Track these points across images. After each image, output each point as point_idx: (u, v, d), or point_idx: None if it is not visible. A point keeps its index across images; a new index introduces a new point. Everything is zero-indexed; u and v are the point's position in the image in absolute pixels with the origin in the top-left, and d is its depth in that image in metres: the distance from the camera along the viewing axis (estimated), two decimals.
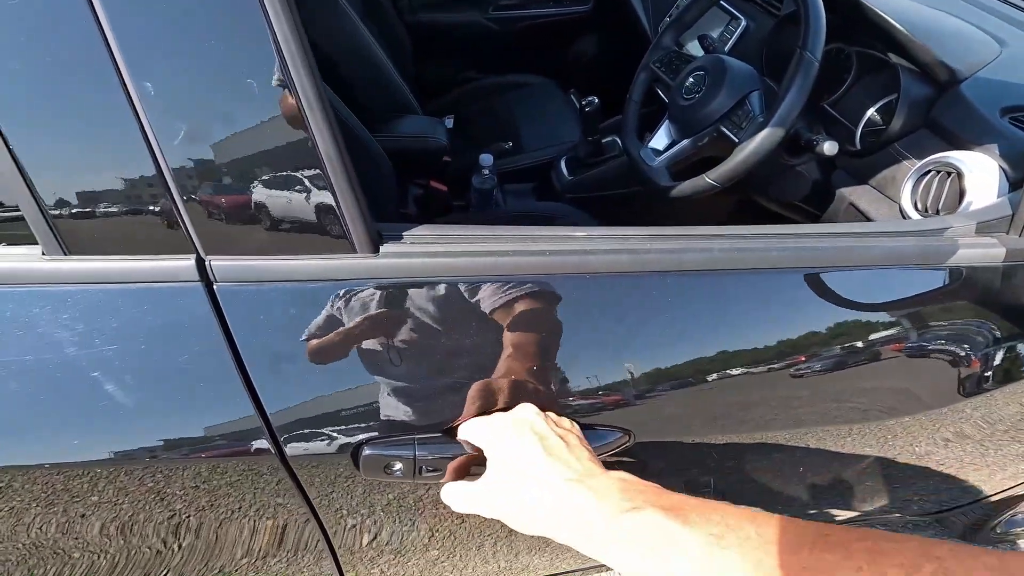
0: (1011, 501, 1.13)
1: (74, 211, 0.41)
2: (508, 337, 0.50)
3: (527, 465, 0.44)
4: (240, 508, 0.55)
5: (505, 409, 0.51)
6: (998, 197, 0.73)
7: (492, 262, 0.49)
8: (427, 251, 0.48)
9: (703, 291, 0.56)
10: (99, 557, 0.56)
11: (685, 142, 0.98)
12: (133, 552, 0.57)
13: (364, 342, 0.48)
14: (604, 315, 0.53)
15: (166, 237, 0.43)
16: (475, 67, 1.92)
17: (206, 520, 0.55)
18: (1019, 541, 1.44)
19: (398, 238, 0.49)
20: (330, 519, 0.59)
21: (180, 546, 0.58)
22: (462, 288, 0.48)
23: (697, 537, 0.35)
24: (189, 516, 0.54)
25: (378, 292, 0.47)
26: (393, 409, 0.49)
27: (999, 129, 0.79)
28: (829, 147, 0.86)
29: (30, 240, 0.42)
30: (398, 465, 0.50)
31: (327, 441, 0.49)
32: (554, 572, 0.97)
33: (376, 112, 1.32)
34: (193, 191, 0.41)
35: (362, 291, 0.47)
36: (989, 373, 0.69)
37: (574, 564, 0.95)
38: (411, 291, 0.48)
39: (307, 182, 0.43)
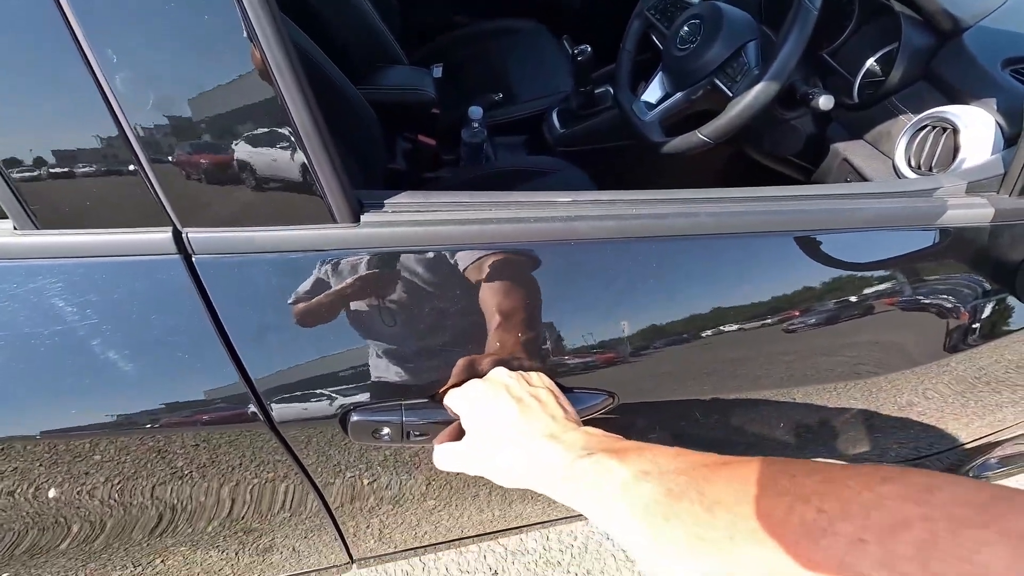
0: (985, 448, 1.17)
1: (44, 185, 0.40)
2: (494, 305, 0.50)
3: (504, 427, 0.46)
4: (235, 470, 0.56)
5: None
6: (992, 154, 0.72)
7: (477, 230, 0.49)
8: (409, 219, 0.47)
9: (691, 255, 0.56)
10: (101, 516, 0.58)
11: (678, 95, 0.95)
12: (134, 510, 0.58)
13: (348, 312, 0.48)
14: (591, 281, 0.53)
15: (141, 210, 0.42)
16: (464, 10, 1.83)
17: (203, 480, 0.57)
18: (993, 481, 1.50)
19: (379, 206, 0.48)
20: (324, 479, 0.60)
21: (179, 505, 0.59)
22: (446, 257, 0.48)
23: (628, 471, 0.38)
24: (187, 476, 0.56)
25: (360, 262, 0.47)
26: (380, 376, 0.50)
27: (999, 83, 0.77)
28: (825, 101, 0.83)
29: (0, 215, 0.41)
30: (386, 430, 0.51)
31: (315, 408, 0.50)
32: (547, 519, 1.01)
33: (360, 63, 1.27)
34: (165, 163, 0.40)
35: (343, 262, 0.46)
36: (975, 328, 0.70)
37: (565, 512, 0.98)
38: (393, 261, 0.47)
39: (281, 151, 0.42)
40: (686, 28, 0.93)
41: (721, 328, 0.58)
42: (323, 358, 0.49)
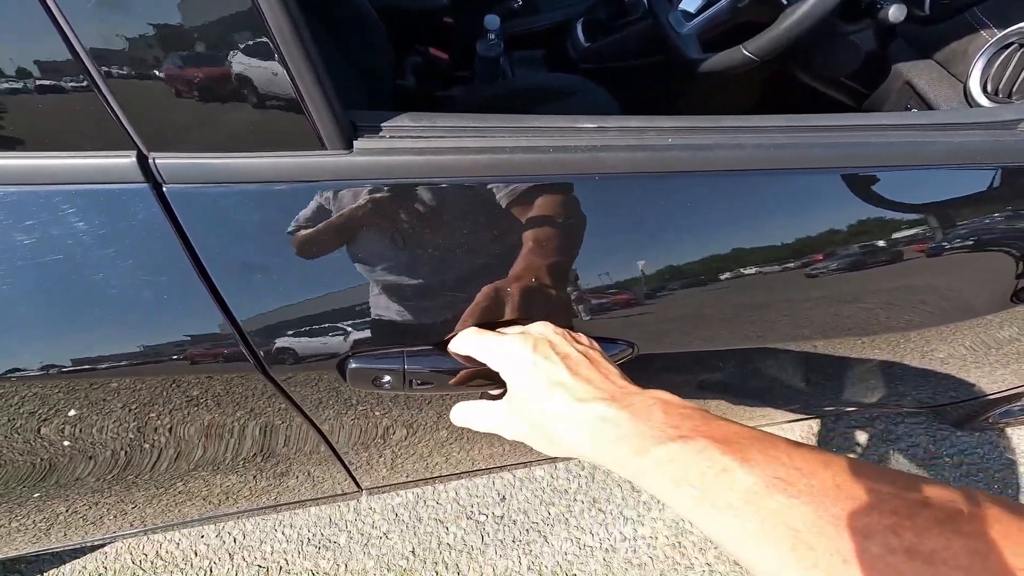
0: (1010, 398, 1.13)
1: None
2: (523, 240, 0.44)
3: (553, 385, 0.40)
4: (234, 411, 0.54)
5: (512, 321, 0.47)
6: None
7: (486, 160, 0.42)
8: (409, 147, 0.41)
9: (732, 193, 0.49)
10: (109, 453, 0.56)
11: (722, 3, 0.84)
12: (143, 444, 0.57)
13: (341, 250, 0.43)
14: (619, 218, 0.47)
15: (98, 130, 0.36)
16: None
17: (207, 416, 0.54)
18: (1007, 429, 1.48)
19: (375, 131, 0.41)
20: (326, 422, 0.58)
21: (186, 440, 0.58)
22: (450, 190, 0.42)
23: (757, 478, 0.30)
24: (190, 414, 0.53)
25: (353, 194, 0.41)
26: (380, 320, 0.46)
27: None
28: (896, 11, 0.72)
29: None
30: (387, 378, 0.48)
31: (310, 353, 0.46)
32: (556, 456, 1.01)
33: None
34: (122, 77, 0.34)
35: (334, 193, 0.41)
36: None
37: None
38: (391, 193, 0.42)
39: (259, 64, 0.35)
40: None
41: (760, 271, 0.52)
42: (316, 299, 0.44)
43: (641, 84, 1.24)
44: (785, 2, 0.75)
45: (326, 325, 0.45)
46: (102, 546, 1.22)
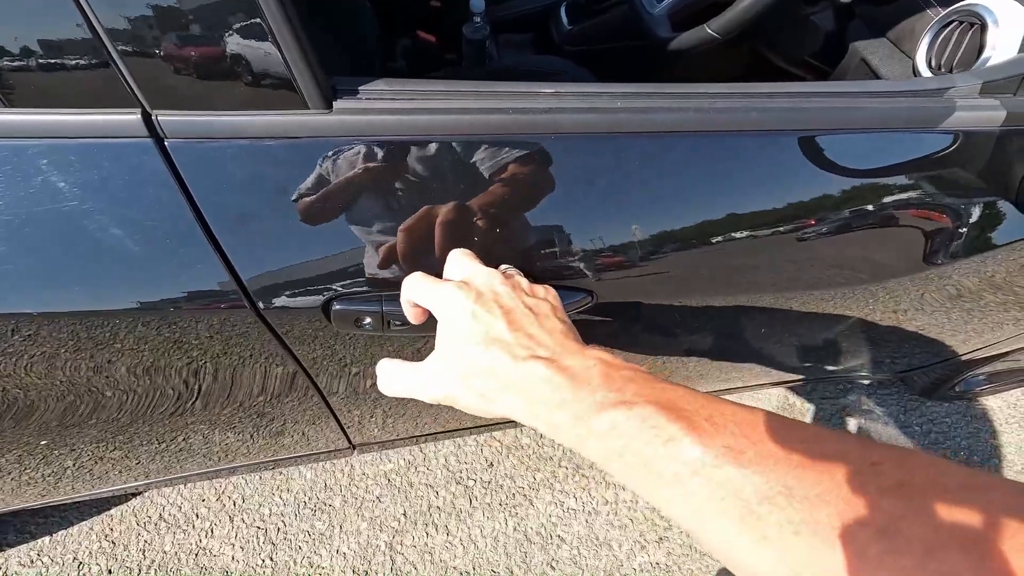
0: (973, 363, 1.19)
1: (8, 62, 0.39)
2: (475, 198, 0.50)
3: (490, 340, 0.37)
4: (230, 356, 0.59)
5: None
6: (1020, 54, 0.67)
7: (453, 120, 0.47)
8: (384, 107, 0.46)
9: (677, 154, 0.54)
10: (113, 395, 0.62)
11: None
12: (142, 390, 0.63)
13: (324, 202, 0.48)
14: (572, 177, 0.52)
15: (108, 90, 0.41)
16: None
17: (204, 363, 0.60)
18: (975, 401, 1.54)
19: (354, 93, 0.47)
20: (318, 369, 0.64)
21: (185, 386, 0.63)
22: (421, 147, 0.47)
23: (707, 448, 0.28)
24: (188, 360, 0.59)
25: (332, 150, 0.46)
26: (359, 267, 0.51)
27: None
28: None
29: None
30: (367, 319, 0.53)
31: (298, 297, 0.51)
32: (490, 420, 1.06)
33: None
34: (128, 40, 0.39)
35: (315, 149, 0.46)
36: (984, 237, 0.69)
37: None
38: (367, 149, 0.47)
39: (246, 29, 0.40)
40: None
41: (709, 231, 0.57)
42: (303, 247, 0.50)
43: (623, 66, 1.29)
44: None
45: (312, 271, 0.51)
46: (107, 508, 1.28)
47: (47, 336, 0.51)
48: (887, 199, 0.61)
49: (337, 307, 0.52)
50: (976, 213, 0.67)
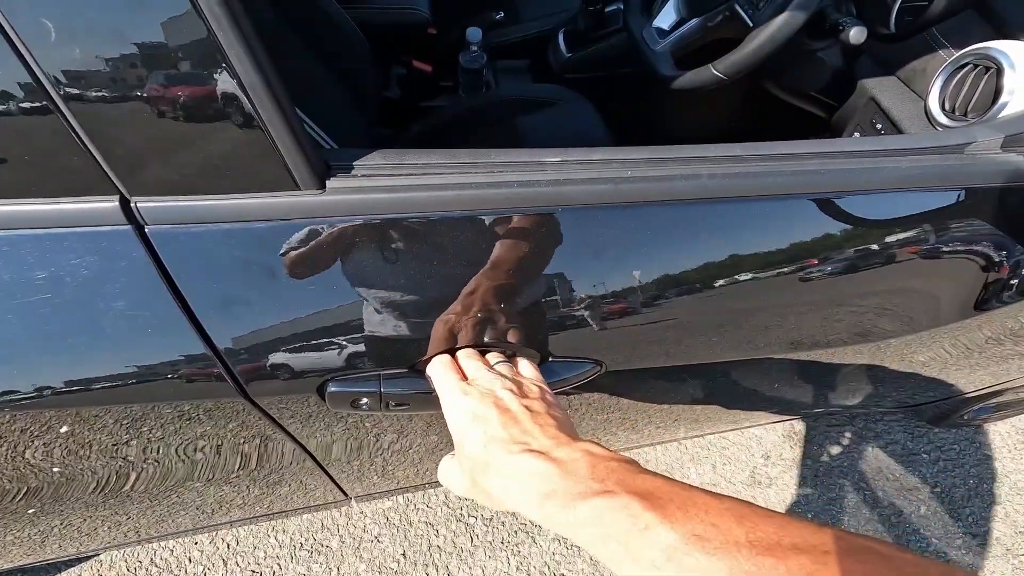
0: (985, 396, 1.16)
1: None
2: (479, 275, 0.47)
3: (489, 440, 0.40)
4: (218, 434, 0.56)
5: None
6: None
7: (453, 196, 0.45)
8: (380, 185, 0.43)
9: (691, 222, 0.51)
10: (101, 471, 0.59)
11: (693, 22, 0.86)
12: (131, 469, 0.59)
13: (318, 283, 0.45)
14: (582, 249, 0.49)
15: (83, 178, 0.38)
16: None
17: (196, 441, 0.57)
18: (985, 425, 1.52)
19: (347, 169, 0.44)
20: (312, 442, 0.60)
21: (176, 463, 0.60)
22: (420, 225, 0.44)
23: (677, 535, 0.31)
24: (178, 440, 0.55)
25: (327, 231, 0.43)
26: (355, 347, 0.48)
27: None
28: (856, 34, 0.75)
29: None
30: (364, 400, 0.50)
31: (290, 380, 0.48)
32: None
33: None
34: (99, 125, 0.36)
35: (309, 231, 0.43)
36: (1012, 285, 0.66)
37: None
38: (364, 230, 0.44)
39: (232, 109, 0.37)
40: None
41: (720, 293, 0.54)
42: (295, 331, 0.46)
43: (622, 93, 1.26)
44: (751, 24, 0.78)
45: (305, 353, 0.48)
46: (96, 554, 1.24)
47: (33, 417, 0.48)
48: (912, 248, 0.59)
49: (333, 388, 0.49)
50: (998, 263, 0.65)
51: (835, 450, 1.47)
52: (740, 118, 1.09)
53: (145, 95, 0.35)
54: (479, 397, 0.43)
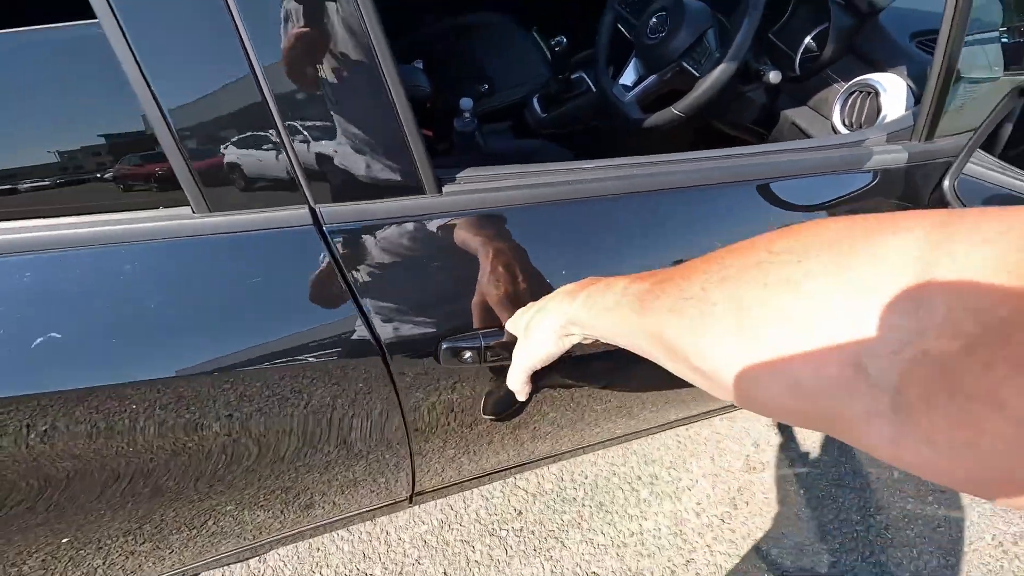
0: None
1: (215, 177, 0.53)
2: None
3: (529, 316, 0.55)
4: (344, 400, 0.70)
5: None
6: (906, 111, 0.91)
7: (528, 193, 0.64)
8: (480, 187, 0.62)
9: (681, 204, 0.72)
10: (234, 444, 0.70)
11: (652, 77, 1.11)
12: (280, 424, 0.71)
13: (440, 265, 0.62)
14: (618, 229, 0.69)
15: (285, 193, 0.55)
16: (433, 6, 1.95)
17: (316, 409, 0.69)
18: None
19: (452, 179, 0.62)
20: (412, 403, 0.74)
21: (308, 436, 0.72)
22: (509, 215, 0.63)
23: (620, 283, 0.42)
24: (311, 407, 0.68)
25: (445, 223, 0.61)
26: (464, 313, 0.65)
27: (908, 53, 0.96)
28: (774, 76, 1.01)
29: (183, 202, 0.54)
30: (468, 353, 0.66)
31: (417, 342, 0.64)
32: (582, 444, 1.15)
33: None
34: (304, 155, 0.54)
35: (434, 223, 0.61)
36: None
37: (572, 446, 1.13)
38: (471, 221, 0.62)
39: (385, 137, 0.56)
40: (654, 19, 1.10)
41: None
42: (426, 303, 0.63)
43: (588, 140, 1.52)
44: (697, 74, 1.03)
45: (428, 319, 0.64)
46: None
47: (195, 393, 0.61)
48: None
49: (444, 346, 0.65)
50: None
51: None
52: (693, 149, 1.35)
53: (334, 129, 0.54)
54: (526, 310, 0.59)
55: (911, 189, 0.83)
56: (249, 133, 0.52)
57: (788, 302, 0.27)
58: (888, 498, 1.55)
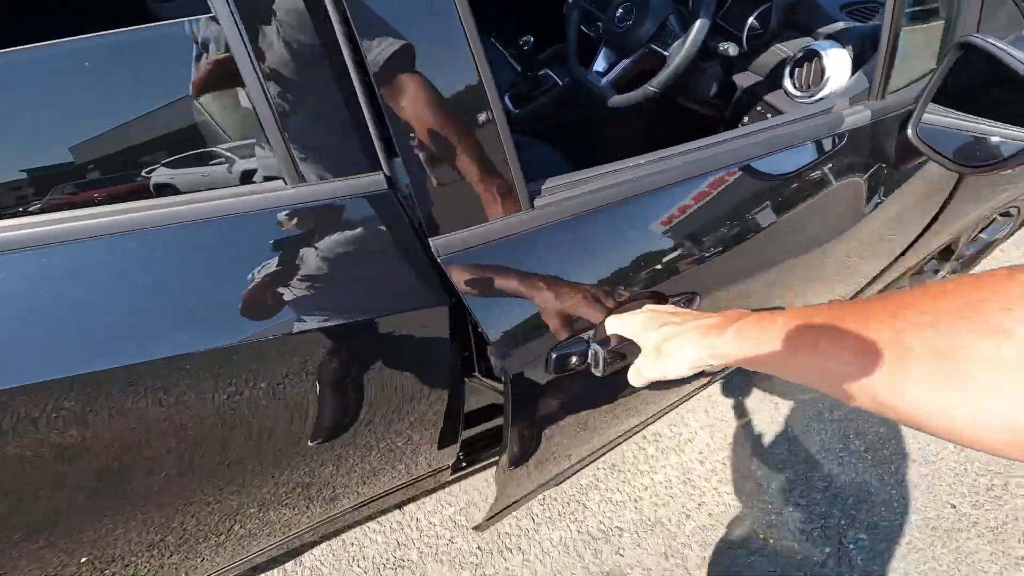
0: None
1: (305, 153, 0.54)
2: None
3: (659, 325, 0.60)
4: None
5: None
6: (849, 72, 1.04)
7: (603, 195, 0.69)
8: (565, 197, 0.66)
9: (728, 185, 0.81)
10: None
11: (625, 62, 1.19)
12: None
13: (540, 277, 0.66)
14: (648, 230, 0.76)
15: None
16: None
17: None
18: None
19: (538, 192, 0.66)
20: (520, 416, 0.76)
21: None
22: (595, 218, 0.68)
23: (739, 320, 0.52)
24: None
25: (538, 237, 0.65)
26: (569, 321, 0.68)
27: (841, 21, 1.11)
28: (732, 49, 1.12)
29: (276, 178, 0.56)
30: (574, 359, 0.69)
31: (529, 352, 0.67)
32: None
33: None
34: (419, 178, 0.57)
35: (527, 238, 0.64)
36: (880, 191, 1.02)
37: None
38: (557, 231, 0.66)
39: (492, 161, 0.59)
40: (620, 10, 1.17)
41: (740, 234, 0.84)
42: (532, 315, 0.66)
43: (566, 132, 1.58)
44: (666, 53, 1.12)
45: (538, 330, 0.67)
46: None
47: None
48: (819, 187, 0.93)
49: (554, 355, 0.69)
50: (875, 177, 1.00)
51: None
52: (662, 128, 1.45)
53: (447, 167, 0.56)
54: (641, 314, 0.65)
55: (876, 143, 0.97)
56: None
57: (1002, 349, 0.30)
58: (863, 425, 1.76)
